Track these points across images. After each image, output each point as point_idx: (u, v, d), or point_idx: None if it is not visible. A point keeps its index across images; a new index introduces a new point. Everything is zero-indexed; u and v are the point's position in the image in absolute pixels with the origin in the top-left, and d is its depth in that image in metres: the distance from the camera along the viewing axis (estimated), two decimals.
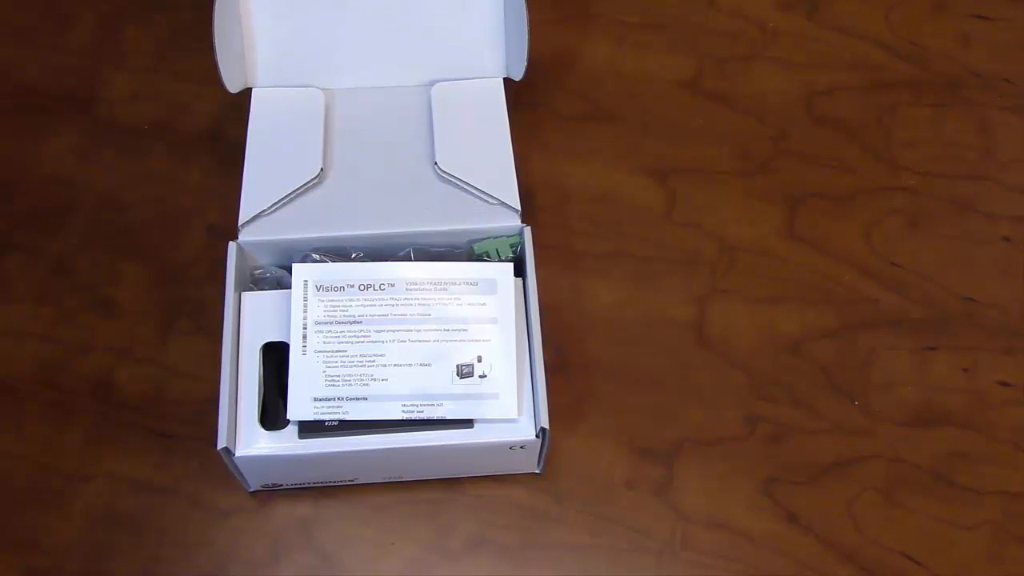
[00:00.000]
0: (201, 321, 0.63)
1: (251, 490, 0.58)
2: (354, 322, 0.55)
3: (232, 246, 0.57)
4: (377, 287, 0.56)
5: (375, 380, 0.54)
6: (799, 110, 0.72)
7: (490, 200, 0.60)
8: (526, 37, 0.62)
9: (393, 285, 0.56)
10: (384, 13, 0.65)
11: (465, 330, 0.56)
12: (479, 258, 0.59)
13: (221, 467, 0.54)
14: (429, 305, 0.56)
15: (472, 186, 0.60)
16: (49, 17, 0.75)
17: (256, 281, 0.59)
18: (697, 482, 0.59)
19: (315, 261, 0.58)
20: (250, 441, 0.54)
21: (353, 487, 0.58)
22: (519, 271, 0.58)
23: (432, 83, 0.64)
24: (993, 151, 0.70)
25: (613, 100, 0.72)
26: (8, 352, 0.62)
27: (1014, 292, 0.65)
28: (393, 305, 0.56)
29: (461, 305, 0.56)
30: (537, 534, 0.58)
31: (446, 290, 0.56)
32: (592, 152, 0.70)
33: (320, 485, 0.58)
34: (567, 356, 0.62)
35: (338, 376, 0.54)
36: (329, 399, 0.54)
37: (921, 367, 0.63)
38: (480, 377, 0.55)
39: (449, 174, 0.60)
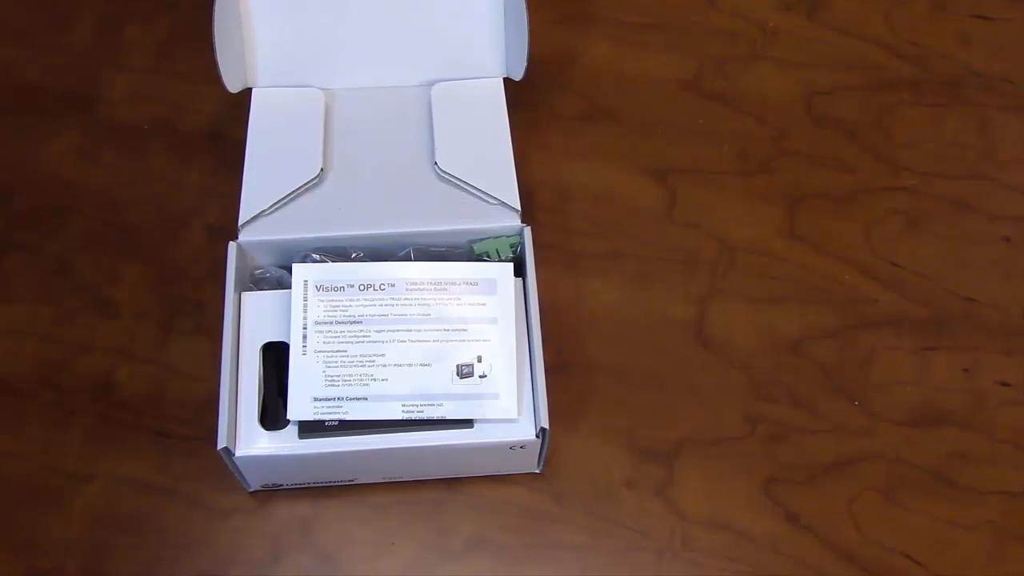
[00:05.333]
0: (201, 321, 0.63)
1: (251, 490, 0.58)
2: (354, 322, 0.56)
3: (232, 246, 0.57)
4: (377, 287, 0.56)
5: (375, 380, 0.54)
6: (799, 110, 0.72)
7: (490, 200, 0.60)
8: (526, 37, 0.62)
9: (393, 285, 0.56)
10: (384, 13, 0.65)
11: (465, 330, 0.56)
12: (479, 258, 0.59)
13: (221, 467, 0.54)
14: (429, 305, 0.56)
15: (472, 186, 0.60)
16: (49, 17, 0.75)
17: (256, 281, 0.59)
18: (697, 482, 0.59)
19: (315, 261, 0.58)
20: (250, 441, 0.54)
21: (353, 487, 0.58)
22: (519, 271, 0.58)
23: (432, 83, 0.64)
24: (993, 151, 0.70)
25: (613, 100, 0.72)
26: (8, 352, 0.62)
27: (1014, 292, 0.65)
28: (393, 305, 0.56)
29: (461, 305, 0.56)
30: (537, 534, 0.58)
31: (446, 290, 0.56)
32: (592, 152, 0.70)
33: (320, 485, 0.58)
34: (567, 356, 0.62)
35: (338, 376, 0.54)
36: (329, 399, 0.54)
37: (921, 367, 0.63)
38: (480, 377, 0.55)
39: (449, 174, 0.60)
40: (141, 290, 0.64)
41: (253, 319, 0.56)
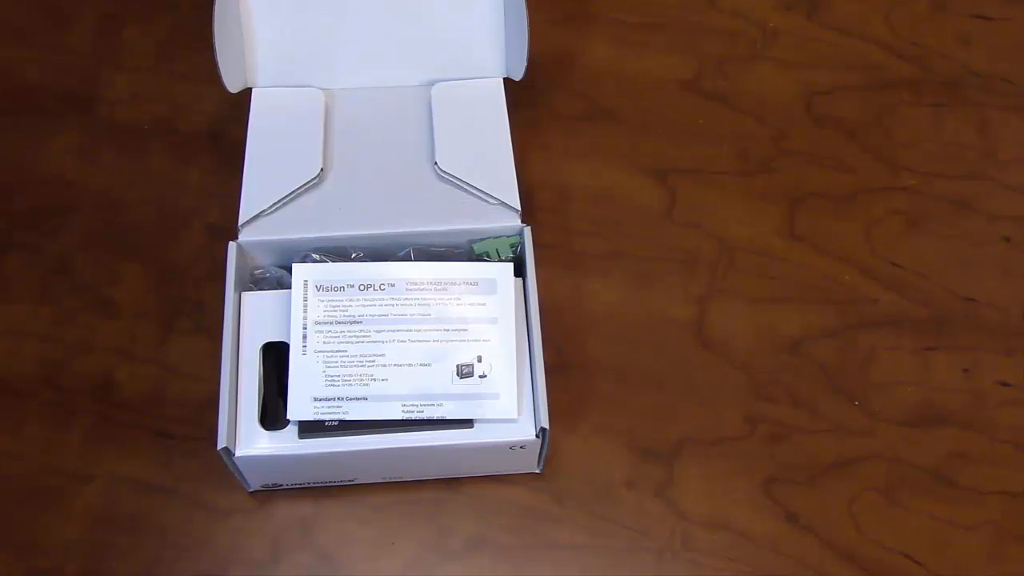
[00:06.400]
0: (201, 321, 0.63)
1: (251, 490, 0.58)
2: (354, 322, 0.55)
3: (232, 246, 0.57)
4: (377, 287, 0.56)
5: (375, 380, 0.54)
6: (799, 110, 0.72)
7: (490, 200, 0.60)
8: (526, 37, 0.62)
9: (393, 285, 0.56)
10: (384, 13, 0.65)
11: (465, 330, 0.56)
12: (479, 258, 0.59)
13: (221, 467, 0.54)
14: (429, 305, 0.56)
15: (472, 186, 0.60)
16: (49, 17, 0.75)
17: (256, 281, 0.59)
18: (697, 482, 0.59)
19: (315, 261, 0.58)
20: (250, 441, 0.54)
21: (353, 487, 0.58)
22: (519, 271, 0.58)
23: (432, 83, 0.64)
24: (993, 151, 0.71)
25: (613, 100, 0.72)
26: (8, 352, 0.62)
27: (1014, 292, 0.65)
28: (393, 305, 0.56)
29: (461, 305, 0.56)
30: (537, 534, 0.58)
31: (446, 290, 0.56)
32: (592, 152, 0.70)
33: (320, 485, 0.58)
34: (567, 356, 0.62)
35: (338, 376, 0.54)
36: (329, 399, 0.54)
37: (921, 367, 0.63)
38: (480, 377, 0.55)
39: (449, 174, 0.60)
40: (141, 290, 0.64)
41: (253, 319, 0.56)
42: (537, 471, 0.59)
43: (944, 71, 0.74)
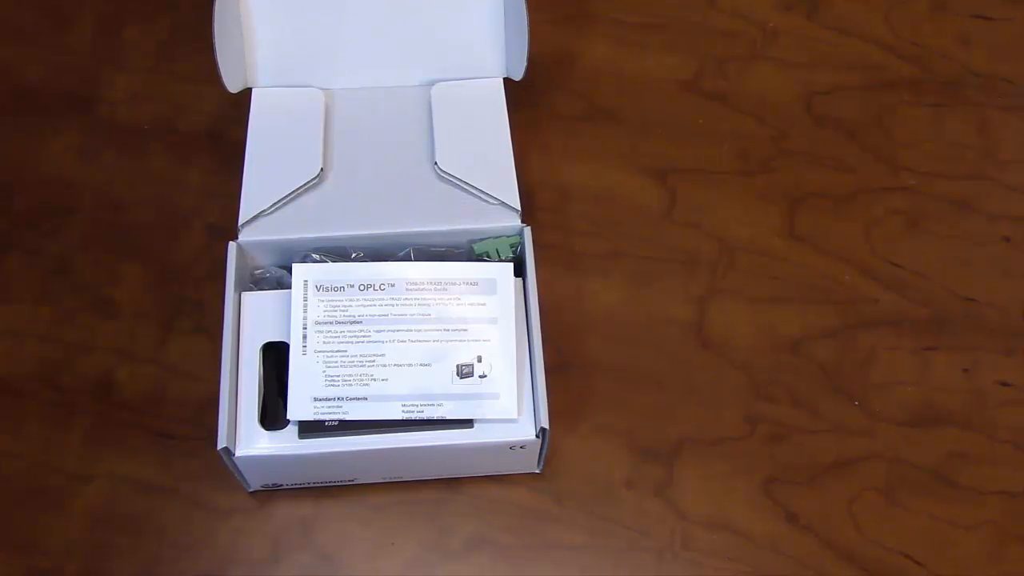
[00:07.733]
0: (201, 321, 0.63)
1: (251, 490, 0.58)
2: (354, 322, 0.56)
3: (232, 246, 0.57)
4: (377, 287, 0.56)
5: (375, 380, 0.54)
6: (799, 110, 0.72)
7: (490, 200, 0.60)
8: (526, 37, 0.62)
9: (393, 285, 0.56)
10: (384, 13, 0.65)
11: (465, 330, 0.56)
12: (479, 258, 0.59)
13: (221, 467, 0.54)
14: (429, 305, 0.56)
15: (472, 186, 0.60)
16: (49, 17, 0.75)
17: (256, 281, 0.59)
18: (697, 482, 0.59)
19: (315, 261, 0.58)
20: (250, 441, 0.54)
21: (353, 487, 0.58)
22: (519, 271, 0.58)
23: (432, 83, 0.64)
24: (993, 151, 0.71)
25: (613, 100, 0.72)
26: (8, 352, 0.62)
27: (1014, 292, 0.65)
28: (393, 305, 0.56)
29: (461, 305, 0.56)
30: (537, 534, 0.58)
31: (446, 290, 0.56)
32: (592, 152, 0.70)
33: (320, 485, 0.58)
34: (567, 356, 0.62)
35: (338, 376, 0.54)
36: (329, 399, 0.54)
37: (921, 367, 0.63)
38: (480, 377, 0.55)
39: (449, 174, 0.60)
40: (141, 290, 0.64)
41: (253, 319, 0.56)
42: (537, 471, 0.59)
43: (944, 71, 0.74)
